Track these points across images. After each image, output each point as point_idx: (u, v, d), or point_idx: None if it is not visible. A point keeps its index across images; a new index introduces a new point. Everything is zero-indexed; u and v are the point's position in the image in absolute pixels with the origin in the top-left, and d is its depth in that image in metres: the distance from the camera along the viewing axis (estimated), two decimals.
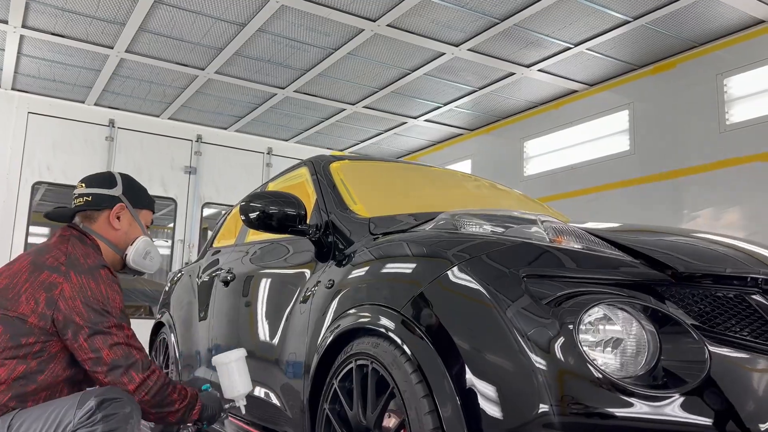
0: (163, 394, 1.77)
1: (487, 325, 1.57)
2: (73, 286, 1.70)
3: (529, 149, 6.98)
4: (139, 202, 2.09)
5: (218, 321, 3.24)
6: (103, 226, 1.98)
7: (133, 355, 1.72)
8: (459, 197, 2.95)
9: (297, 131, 7.99)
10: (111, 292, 1.75)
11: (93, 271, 1.74)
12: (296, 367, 2.32)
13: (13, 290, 1.70)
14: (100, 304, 1.71)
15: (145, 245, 2.02)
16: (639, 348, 1.47)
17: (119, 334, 1.71)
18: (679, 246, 1.87)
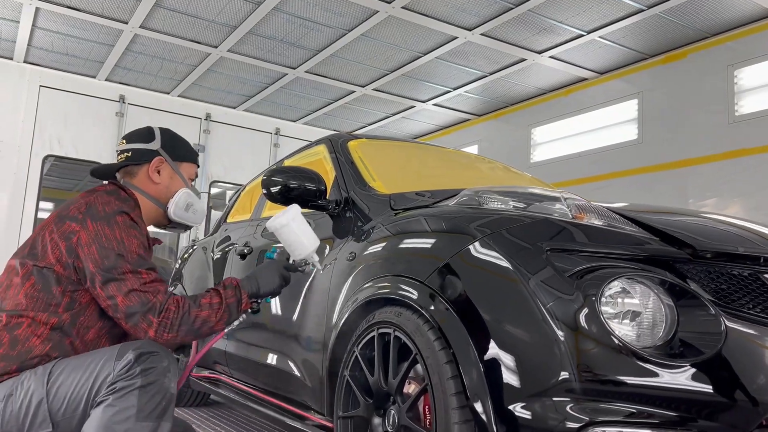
0: (190, 321, 1.72)
1: (510, 296, 1.63)
2: (89, 233, 1.69)
3: (537, 136, 7.02)
4: (180, 155, 2.06)
5: None
6: (143, 181, 1.98)
7: (149, 300, 1.68)
8: (475, 177, 3.01)
9: (305, 112, 8.02)
10: (127, 237, 1.71)
11: (109, 217, 1.72)
12: (316, 338, 2.39)
13: (41, 242, 1.73)
14: (114, 251, 1.68)
15: (186, 197, 1.99)
16: (657, 320, 1.53)
17: (133, 280, 1.67)
18: (694, 226, 1.93)
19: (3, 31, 5.91)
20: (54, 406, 1.61)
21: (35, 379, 1.62)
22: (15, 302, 1.70)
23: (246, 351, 3.05)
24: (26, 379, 1.63)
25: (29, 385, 1.62)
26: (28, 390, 1.61)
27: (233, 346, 3.21)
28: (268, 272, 1.96)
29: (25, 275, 1.71)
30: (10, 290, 1.72)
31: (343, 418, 2.10)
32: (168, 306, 1.70)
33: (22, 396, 1.61)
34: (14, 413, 1.60)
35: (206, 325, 1.76)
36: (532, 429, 1.50)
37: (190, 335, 1.74)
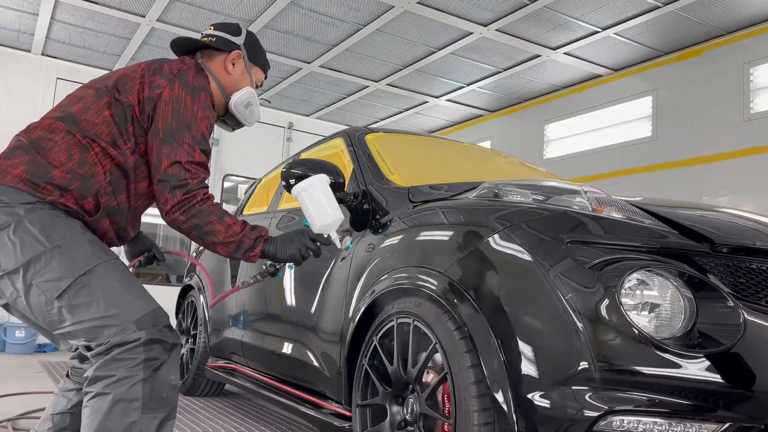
0: (203, 221, 1.77)
1: (530, 287, 1.66)
2: (173, 94, 1.77)
3: (550, 132, 7.02)
4: (256, 58, 2.14)
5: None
6: (218, 67, 2.05)
7: (186, 178, 1.75)
8: (492, 171, 3.03)
9: (318, 107, 8.05)
10: (202, 115, 1.79)
11: (195, 90, 1.81)
12: (334, 328, 2.42)
13: (130, 81, 1.81)
14: (184, 120, 1.76)
15: (249, 95, 2.06)
16: (676, 311, 1.55)
17: (184, 153, 1.74)
18: (712, 220, 1.95)
19: (22, 23, 5.97)
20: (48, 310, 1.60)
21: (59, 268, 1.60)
22: (92, 126, 1.76)
23: (263, 341, 3.09)
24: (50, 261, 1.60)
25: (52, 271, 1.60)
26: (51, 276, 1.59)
27: (250, 335, 3.25)
28: (290, 239, 1.94)
29: (107, 104, 1.79)
30: (88, 112, 1.78)
31: (362, 407, 2.13)
32: (196, 193, 1.76)
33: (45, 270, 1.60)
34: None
35: (212, 236, 1.80)
36: (551, 417, 1.53)
37: (195, 232, 1.79)
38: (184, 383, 4.13)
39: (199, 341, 3.98)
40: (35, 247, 1.60)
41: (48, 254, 1.60)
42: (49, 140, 1.72)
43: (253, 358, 3.25)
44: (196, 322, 4.10)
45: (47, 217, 1.65)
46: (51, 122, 1.76)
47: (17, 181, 1.65)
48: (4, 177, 1.66)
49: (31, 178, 1.66)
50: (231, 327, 3.55)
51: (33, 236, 1.61)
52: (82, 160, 1.72)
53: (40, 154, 1.70)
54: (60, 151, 1.71)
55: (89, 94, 1.83)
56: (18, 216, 1.62)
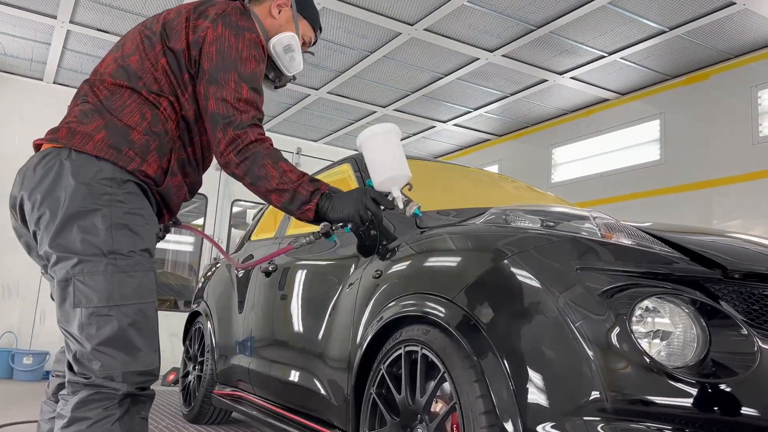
0: (256, 162, 1.68)
1: (540, 314, 1.63)
2: (216, 34, 1.71)
3: (558, 156, 7.02)
4: (305, 10, 2.08)
5: (258, 311, 3.33)
6: (263, 11, 1.99)
7: (234, 114, 1.66)
8: (500, 196, 3.02)
9: (326, 132, 8.10)
10: (248, 53, 1.72)
11: (240, 30, 1.74)
12: (341, 355, 2.40)
13: (177, 26, 1.74)
14: (230, 58, 1.69)
15: (290, 39, 1.97)
16: (688, 339, 1.52)
17: (231, 90, 1.67)
18: (724, 246, 1.92)
19: (35, 53, 6.07)
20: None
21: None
22: (154, 80, 1.70)
23: (270, 368, 3.06)
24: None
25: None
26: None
27: (257, 363, 3.23)
28: (347, 196, 1.80)
29: (161, 52, 1.72)
30: (145, 63, 1.71)
31: None
32: (248, 131, 1.68)
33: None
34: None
35: (264, 181, 1.70)
36: None
37: (248, 177, 1.70)
38: (191, 411, 4.09)
39: (206, 368, 3.95)
40: (94, 247, 1.54)
41: (101, 263, 1.54)
42: (117, 100, 1.67)
43: (260, 386, 3.22)
44: (203, 349, 4.08)
45: (120, 213, 1.58)
46: (113, 82, 1.70)
47: (101, 148, 1.60)
48: (86, 143, 1.60)
49: (113, 143, 1.61)
50: (238, 354, 3.53)
51: (98, 234, 1.55)
52: (154, 119, 1.69)
53: (114, 116, 1.65)
54: (132, 111, 1.67)
55: (142, 43, 1.75)
56: (96, 205, 1.56)
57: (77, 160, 1.58)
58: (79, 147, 1.59)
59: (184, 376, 4.40)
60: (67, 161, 1.58)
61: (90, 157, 1.59)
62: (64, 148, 1.60)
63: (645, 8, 4.62)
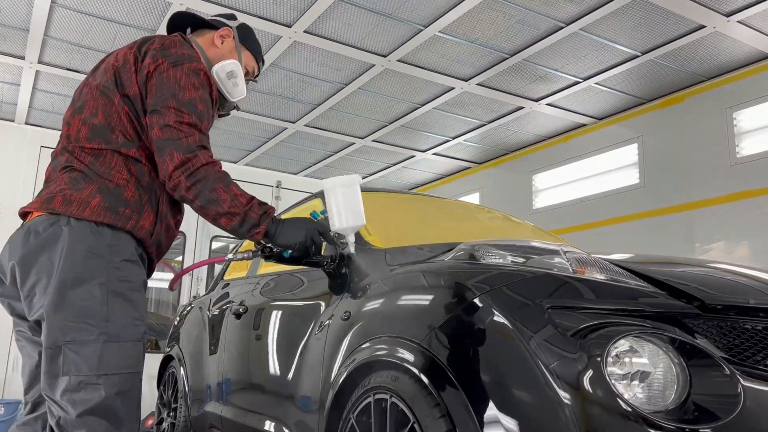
0: (207, 186, 1.69)
1: (511, 358, 1.54)
2: (157, 68, 1.75)
3: (538, 182, 6.98)
4: (247, 41, 2.14)
5: (229, 354, 3.20)
6: (206, 41, 2.07)
7: (179, 138, 1.68)
8: (474, 229, 2.94)
9: (306, 164, 8.03)
10: (186, 81, 1.75)
11: (179, 60, 1.78)
12: (311, 402, 2.28)
13: (126, 72, 1.78)
14: (170, 89, 1.73)
15: (233, 66, 2.02)
16: (668, 381, 1.43)
17: (172, 117, 1.69)
18: (702, 277, 1.85)
19: (5, 94, 5.97)
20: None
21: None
22: (124, 133, 1.75)
23: (242, 417, 2.92)
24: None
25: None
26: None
27: (229, 410, 3.09)
28: (296, 225, 1.87)
29: (121, 102, 1.76)
30: (112, 118, 1.76)
31: None
32: (198, 153, 1.69)
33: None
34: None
35: (215, 204, 1.71)
36: None
37: (198, 200, 1.71)
38: None
39: (179, 415, 3.79)
40: (88, 316, 1.59)
41: (94, 332, 1.58)
42: (103, 164, 1.73)
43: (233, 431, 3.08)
44: (177, 395, 3.92)
45: (116, 281, 1.64)
46: (92, 147, 1.74)
47: (98, 212, 1.66)
48: (83, 210, 1.65)
49: (109, 206, 1.68)
50: (210, 400, 3.38)
51: (93, 302, 1.60)
52: (139, 173, 1.75)
53: (105, 179, 1.71)
54: (119, 170, 1.73)
55: (101, 98, 1.80)
56: (93, 273, 1.62)
57: (76, 227, 1.64)
58: (77, 214, 1.64)
59: (159, 423, 4.23)
60: (66, 228, 1.64)
61: (88, 224, 1.65)
62: (62, 215, 1.65)
63: (616, 33, 4.63)
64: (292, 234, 1.85)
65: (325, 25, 4.58)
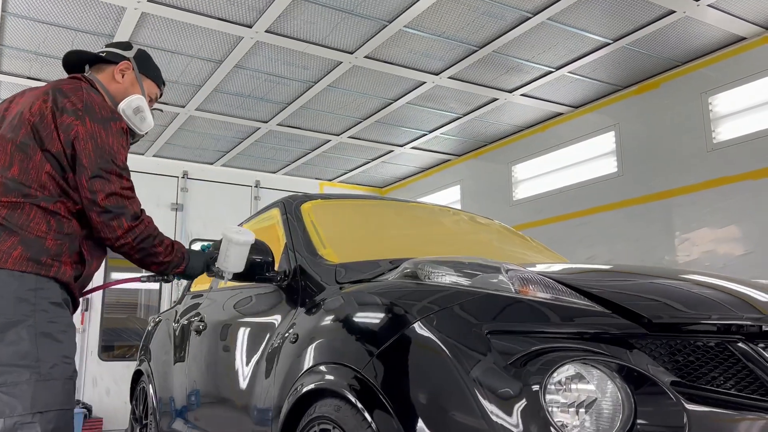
0: (149, 244, 1.90)
1: (447, 389, 1.45)
2: (87, 131, 1.82)
3: (518, 173, 6.90)
4: (147, 70, 2.20)
5: (193, 373, 3.11)
6: (107, 78, 2.11)
7: (126, 205, 1.84)
8: (433, 235, 2.85)
9: (284, 163, 7.92)
10: (118, 145, 1.87)
11: (105, 122, 1.86)
12: (264, 425, 2.20)
13: (45, 128, 1.82)
14: (107, 154, 1.83)
15: (138, 101, 2.10)
16: (612, 411, 1.35)
17: (117, 183, 1.83)
18: (659, 289, 1.77)
19: None
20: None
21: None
22: (42, 186, 1.80)
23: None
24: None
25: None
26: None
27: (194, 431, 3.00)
28: (198, 259, 2.14)
29: (42, 159, 1.81)
30: (30, 174, 1.80)
31: None
32: (144, 219, 1.89)
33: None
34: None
35: (153, 257, 1.95)
36: None
37: (140, 255, 1.92)
38: None
39: (150, 430, 3.70)
40: (19, 358, 1.65)
41: (26, 373, 1.64)
42: (20, 216, 1.77)
43: None
44: (147, 411, 3.83)
45: (44, 322, 1.72)
46: (8, 200, 1.78)
47: (21, 262, 1.72)
48: (6, 261, 1.70)
49: (31, 256, 1.74)
50: (176, 418, 3.30)
51: (22, 345, 1.66)
52: (58, 224, 1.82)
53: (24, 230, 1.76)
54: (38, 222, 1.78)
55: (17, 153, 1.82)
56: (22, 317, 1.68)
57: (0, 276, 1.69)
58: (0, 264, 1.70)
59: None
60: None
61: (12, 272, 1.71)
62: None
63: (585, 22, 4.52)
64: (195, 267, 2.12)
65: (286, 24, 4.45)
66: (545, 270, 1.93)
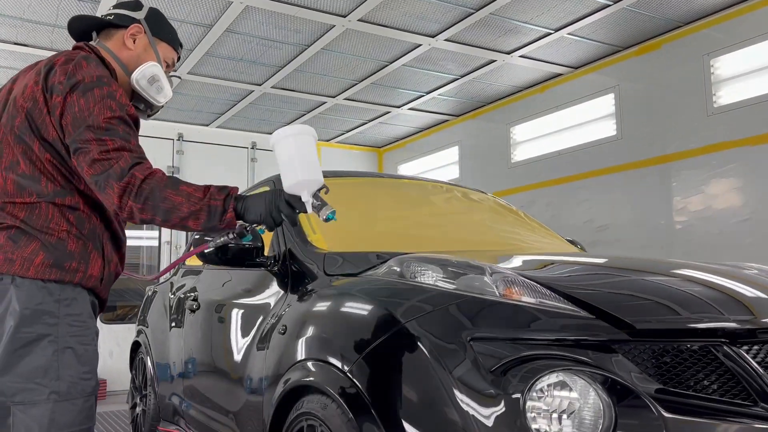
0: (158, 198, 1.57)
1: (429, 395, 1.47)
2: (67, 105, 1.61)
3: (517, 134, 6.81)
4: (161, 32, 1.95)
5: (187, 350, 3.14)
6: (117, 45, 1.87)
7: (110, 166, 1.57)
8: (425, 218, 2.82)
9: (280, 124, 7.81)
10: (99, 108, 1.61)
11: (87, 88, 1.63)
12: (256, 413, 2.23)
13: (39, 115, 1.64)
14: (81, 122, 1.60)
15: (153, 69, 1.86)
16: (593, 420, 1.36)
17: (95, 149, 1.57)
18: (647, 288, 1.76)
19: None
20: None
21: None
22: (52, 180, 1.65)
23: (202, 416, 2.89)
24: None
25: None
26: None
27: (191, 407, 3.06)
28: (261, 197, 1.67)
29: (41, 148, 1.64)
30: (36, 166, 1.64)
31: None
32: (134, 173, 1.57)
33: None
34: None
35: (175, 211, 1.58)
36: None
37: (158, 215, 1.59)
38: None
39: (149, 403, 3.77)
40: (38, 375, 1.56)
41: (44, 392, 1.55)
42: (39, 218, 1.63)
43: (195, 427, 3.06)
44: (146, 382, 3.89)
45: (65, 336, 1.60)
46: (23, 201, 1.64)
47: (43, 270, 1.59)
48: (27, 269, 1.58)
49: (54, 262, 1.60)
50: (174, 393, 3.35)
51: (42, 362, 1.56)
52: (78, 221, 1.67)
53: (45, 233, 1.62)
54: (58, 222, 1.64)
55: (17, 146, 1.65)
56: (43, 331, 1.58)
57: (21, 285, 1.57)
58: (21, 273, 1.57)
59: (133, 408, 4.23)
60: (12, 287, 1.57)
61: (34, 281, 1.58)
62: (6, 274, 1.58)
63: None
64: (255, 207, 1.65)
65: None
66: (530, 270, 1.92)
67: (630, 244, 5.41)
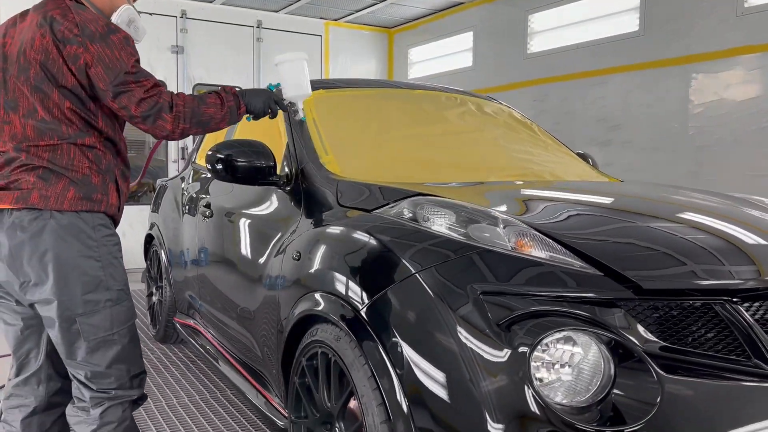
0: (199, 115, 1.93)
1: (439, 344, 1.54)
2: (92, 55, 1.81)
3: (535, 23, 6.52)
4: None
5: (201, 252, 3.24)
6: None
7: (157, 102, 1.85)
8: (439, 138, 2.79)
9: (288, 2, 7.48)
10: (125, 54, 1.84)
11: (105, 38, 1.83)
12: (270, 330, 2.34)
13: (53, 64, 1.81)
14: (117, 69, 1.82)
15: (128, 13, 2.03)
16: (591, 374, 1.45)
17: (139, 90, 1.83)
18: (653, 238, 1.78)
19: None
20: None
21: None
22: (70, 124, 1.85)
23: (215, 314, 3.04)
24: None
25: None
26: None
27: (204, 305, 3.20)
28: (258, 94, 2.12)
29: (60, 96, 1.83)
30: (54, 112, 1.83)
31: (295, 422, 2.11)
32: (176, 102, 1.89)
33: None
34: None
35: (213, 121, 1.98)
36: None
37: (200, 127, 1.97)
38: (158, 332, 4.18)
39: (165, 294, 3.96)
40: (93, 288, 1.86)
41: (101, 301, 1.87)
42: (63, 158, 1.84)
43: (210, 325, 3.23)
44: (161, 274, 4.05)
45: (107, 254, 1.90)
46: (46, 144, 1.84)
47: (76, 203, 1.83)
48: (62, 203, 1.81)
49: (84, 195, 1.85)
50: (189, 289, 3.50)
51: (94, 276, 1.86)
52: (96, 158, 1.90)
53: (72, 170, 1.85)
54: (80, 160, 1.86)
55: (34, 94, 1.82)
56: (88, 253, 1.85)
57: (59, 218, 1.82)
58: (57, 207, 1.81)
59: (149, 295, 4.43)
60: (51, 220, 1.81)
61: (70, 213, 1.83)
62: (44, 210, 1.81)
63: None
64: (256, 100, 2.10)
65: None
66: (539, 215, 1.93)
67: (641, 146, 5.36)
